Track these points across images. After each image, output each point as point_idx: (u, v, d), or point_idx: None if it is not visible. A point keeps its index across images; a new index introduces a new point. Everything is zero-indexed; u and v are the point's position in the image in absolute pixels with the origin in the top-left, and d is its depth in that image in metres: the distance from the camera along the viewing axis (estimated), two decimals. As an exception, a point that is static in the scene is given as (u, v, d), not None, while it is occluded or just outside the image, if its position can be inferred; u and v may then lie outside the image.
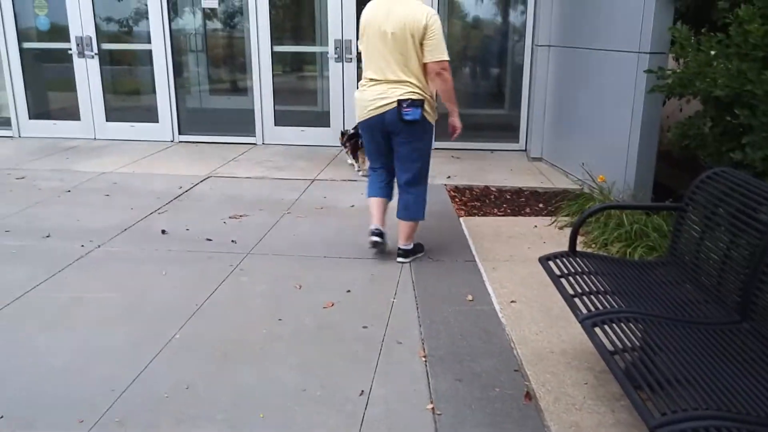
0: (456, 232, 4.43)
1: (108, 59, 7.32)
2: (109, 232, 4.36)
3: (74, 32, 7.12)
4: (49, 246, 4.12)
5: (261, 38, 6.98)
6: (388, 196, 3.97)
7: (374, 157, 3.92)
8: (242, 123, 7.31)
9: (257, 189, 5.50)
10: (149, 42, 7.13)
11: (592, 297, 2.36)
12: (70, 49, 7.17)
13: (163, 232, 4.39)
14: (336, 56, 6.94)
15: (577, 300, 2.35)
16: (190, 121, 7.48)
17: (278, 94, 7.21)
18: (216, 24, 7.50)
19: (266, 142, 7.28)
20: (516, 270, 3.71)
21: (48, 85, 7.71)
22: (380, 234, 3.85)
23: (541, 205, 5.01)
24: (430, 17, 3.49)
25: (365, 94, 3.66)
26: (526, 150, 6.88)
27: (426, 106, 3.61)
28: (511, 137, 7.05)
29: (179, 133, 7.36)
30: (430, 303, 3.33)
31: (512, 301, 3.30)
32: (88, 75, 7.25)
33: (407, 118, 3.56)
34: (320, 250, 4.08)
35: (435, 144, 5.85)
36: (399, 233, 3.91)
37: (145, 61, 7.28)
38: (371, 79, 3.64)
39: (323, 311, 3.24)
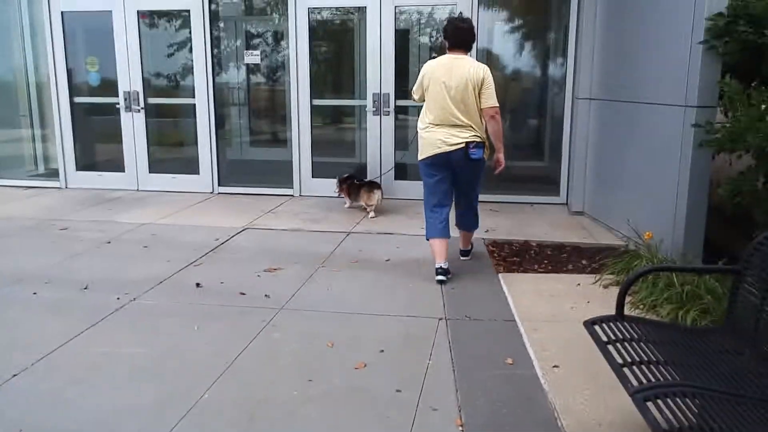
0: (494, 289, 4.28)
1: (153, 112, 7.54)
2: (144, 284, 4.36)
3: (122, 87, 7.39)
4: (86, 298, 4.13)
5: (301, 92, 7.10)
6: (448, 235, 4.51)
7: (435, 194, 4.52)
8: (280, 174, 7.38)
9: (293, 241, 5.48)
10: (193, 96, 7.33)
11: (643, 367, 2.19)
12: (118, 104, 7.42)
13: (198, 285, 4.37)
14: (374, 109, 7.00)
15: (626, 370, 2.18)
16: (230, 173, 7.60)
17: (316, 146, 7.28)
18: (258, 78, 7.69)
19: (303, 193, 7.31)
20: (559, 331, 3.53)
21: (95, 138, 7.97)
22: (447, 272, 4.45)
23: (584, 262, 4.83)
24: (486, 72, 4.31)
25: (433, 135, 4.37)
26: (567, 203, 6.72)
27: (484, 147, 4.39)
28: (551, 190, 6.91)
29: (219, 185, 7.46)
30: (468, 366, 3.17)
31: (555, 366, 3.12)
32: (133, 128, 7.47)
33: (474, 157, 4.33)
34: (354, 306, 3.98)
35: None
36: (461, 240, 4.88)
37: (188, 114, 7.48)
38: (436, 124, 4.37)
39: (355, 372, 3.12)
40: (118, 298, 4.10)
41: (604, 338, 2.41)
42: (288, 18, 6.97)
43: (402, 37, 6.98)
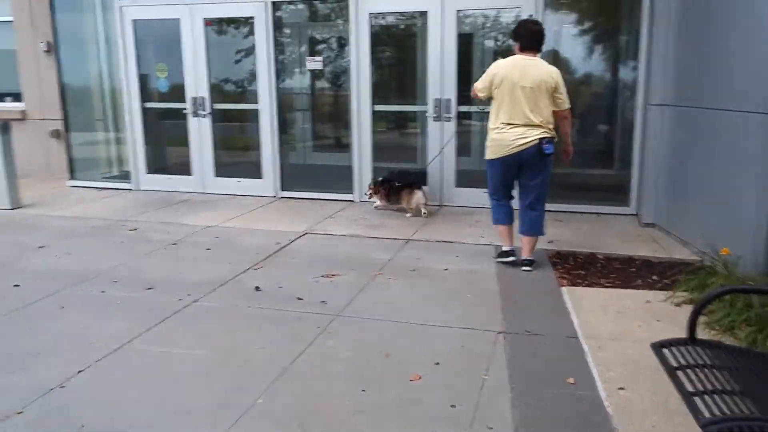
0: (557, 304, 4.12)
1: (219, 117, 7.73)
2: (206, 286, 4.45)
3: (190, 93, 7.61)
4: (150, 298, 4.24)
5: (362, 97, 7.10)
6: (513, 222, 4.85)
7: (501, 190, 4.80)
8: (342, 180, 7.41)
9: (351, 247, 5.47)
10: (257, 102, 7.46)
11: (716, 397, 2.02)
12: (186, 109, 7.64)
13: (257, 288, 4.41)
14: (435, 115, 6.92)
15: (697, 399, 2.02)
16: (292, 178, 7.68)
17: (377, 151, 7.27)
18: (320, 83, 7.75)
19: (364, 199, 7.31)
20: (625, 351, 3.35)
21: (165, 141, 8.24)
22: (514, 253, 4.81)
23: (654, 277, 4.59)
24: (559, 75, 4.54)
25: (506, 135, 4.53)
26: (637, 214, 6.43)
27: (554, 143, 4.56)
28: (620, 200, 6.62)
29: (281, 189, 7.56)
30: (526, 383, 3.05)
31: (620, 388, 2.95)
32: (200, 132, 7.68)
33: (547, 152, 4.50)
34: (411, 316, 3.91)
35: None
36: (523, 248, 4.78)
37: (252, 119, 7.62)
38: (508, 123, 4.52)
39: (410, 384, 3.05)
40: (180, 300, 4.19)
41: (674, 363, 2.25)
42: (350, 23, 7.00)
43: (464, 42, 6.87)
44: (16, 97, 8.75)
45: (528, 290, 4.37)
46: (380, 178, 6.89)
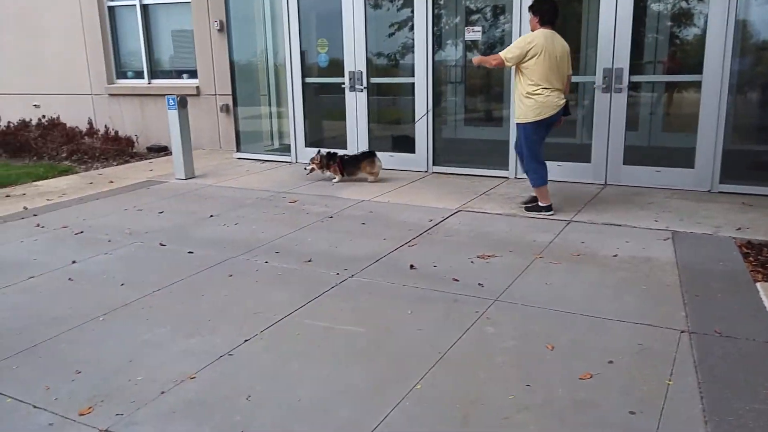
0: (752, 302, 3.59)
1: (374, 91, 7.74)
2: (362, 261, 4.45)
3: (348, 68, 7.68)
4: (309, 271, 4.33)
5: (522, 69, 6.71)
6: None
7: (541, 148, 5.43)
8: (495, 155, 7.13)
9: (507, 227, 5.22)
10: (412, 75, 7.35)
11: None
12: (344, 83, 7.74)
13: (412, 267, 4.33)
14: (604, 86, 6.37)
15: None
16: (443, 152, 7.53)
17: (535, 125, 6.88)
18: (475, 55, 7.46)
19: (519, 176, 6.96)
20: None
21: (323, 116, 8.45)
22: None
23: None
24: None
25: (550, 98, 5.22)
26: None
27: None
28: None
29: (433, 164, 7.44)
30: (719, 394, 2.67)
31: (843, 411, 2.48)
32: (356, 107, 7.75)
33: (569, 112, 5.44)
34: (577, 306, 3.61)
35: (720, 187, 6.10)
36: (545, 197, 5.49)
37: (406, 92, 7.54)
38: (547, 88, 5.20)
39: (580, 383, 2.80)
40: (337, 274, 4.23)
41: None
42: (512, -9, 6.62)
43: (638, 6, 6.21)
44: (192, 74, 9.43)
45: (714, 284, 3.86)
46: (325, 152, 7.14)
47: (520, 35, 6.66)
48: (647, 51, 6.48)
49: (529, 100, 5.22)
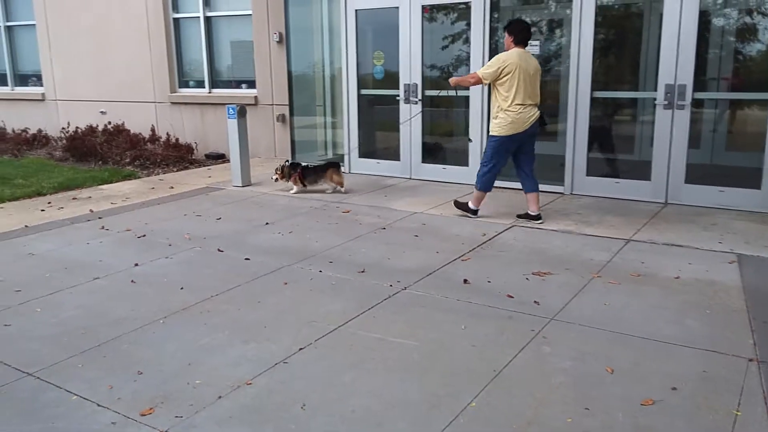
0: (825, 331, 3.42)
1: (426, 104, 7.75)
2: (415, 274, 4.45)
3: (403, 80, 7.72)
4: (362, 281, 4.35)
5: (581, 83, 6.62)
6: None
7: (503, 162, 5.82)
8: (549, 170, 7.02)
9: (563, 244, 5.12)
10: (467, 88, 7.31)
11: None
12: (398, 96, 7.78)
13: (465, 281, 4.31)
14: (666, 103, 6.20)
15: None
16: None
17: (592, 141, 6.75)
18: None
19: (575, 192, 6.85)
20: None
21: (375, 127, 8.51)
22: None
23: None
24: None
25: (523, 115, 5.55)
26: None
27: None
28: None
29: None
30: (792, 428, 2.54)
31: None
32: (410, 117, 7.77)
33: (546, 122, 5.87)
34: (637, 328, 3.51)
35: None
36: (534, 204, 5.80)
37: (460, 105, 7.53)
38: (522, 104, 5.52)
39: (641, 409, 2.71)
40: (390, 285, 4.24)
41: None
42: (573, 6, 6.53)
43: (702, 21, 6.04)
44: (250, 84, 9.66)
45: (784, 311, 3.70)
46: (288, 162, 7.36)
47: (579, 50, 6.59)
48: (710, 67, 6.28)
49: (503, 115, 5.56)
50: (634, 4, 6.70)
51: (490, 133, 5.75)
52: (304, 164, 7.37)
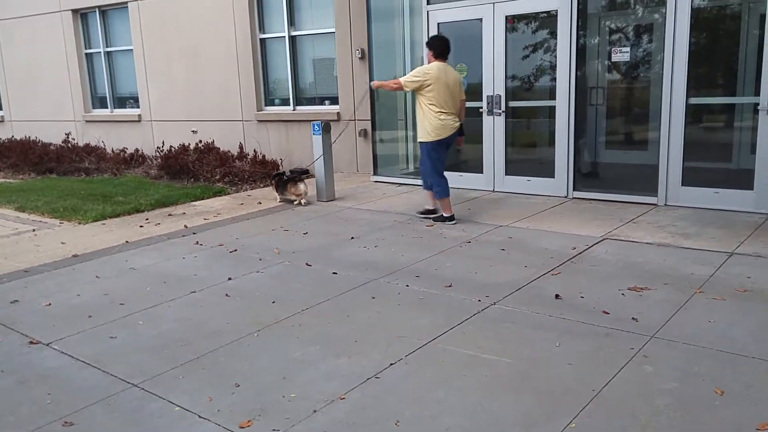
0: None
1: (511, 115, 7.64)
2: (503, 289, 4.37)
3: (486, 92, 7.65)
4: (450, 296, 4.32)
5: (675, 89, 6.34)
6: None
7: (442, 164, 6.33)
8: (640, 180, 6.75)
9: (660, 258, 4.88)
10: (551, 98, 7.18)
11: None
12: (481, 108, 7.71)
13: (557, 296, 4.18)
14: (769, 107, 5.83)
15: None
16: (584, 178, 7.25)
17: (688, 149, 6.42)
18: (615, 76, 7.16)
19: (669, 203, 6.53)
20: None
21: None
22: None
23: None
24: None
25: (446, 121, 6.12)
26: None
27: None
28: None
29: (573, 189, 7.18)
30: None
31: None
32: (494, 131, 7.69)
33: (462, 135, 6.47)
34: (747, 348, 3.29)
35: None
36: (447, 208, 6.34)
37: (544, 116, 7.37)
38: (443, 112, 6.08)
39: (758, 436, 2.53)
40: (479, 300, 4.18)
41: None
42: (666, 10, 6.28)
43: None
44: (332, 100, 9.87)
45: None
46: (281, 171, 8.01)
47: (673, 55, 6.31)
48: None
49: (429, 122, 6.10)
50: (730, 5, 6.35)
51: (419, 140, 6.31)
52: (282, 173, 7.94)
